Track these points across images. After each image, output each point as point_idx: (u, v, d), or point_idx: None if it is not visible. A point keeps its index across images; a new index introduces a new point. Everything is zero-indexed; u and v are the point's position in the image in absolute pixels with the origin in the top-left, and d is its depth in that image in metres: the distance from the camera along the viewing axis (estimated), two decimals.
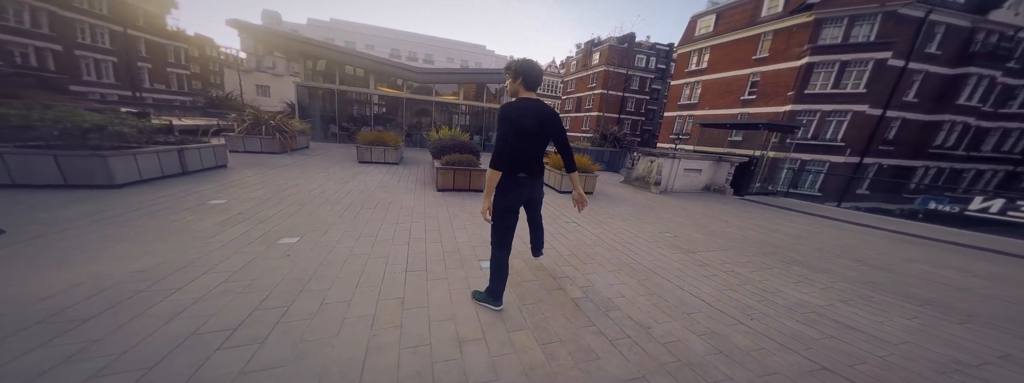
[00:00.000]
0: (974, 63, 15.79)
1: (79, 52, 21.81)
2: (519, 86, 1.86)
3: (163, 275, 2.10)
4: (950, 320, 2.41)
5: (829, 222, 5.97)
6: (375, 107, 13.88)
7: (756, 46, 18.36)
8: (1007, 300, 2.91)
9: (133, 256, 2.31)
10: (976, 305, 2.72)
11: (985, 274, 3.56)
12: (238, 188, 4.39)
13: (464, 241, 3.20)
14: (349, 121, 13.29)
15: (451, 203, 4.65)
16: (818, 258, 3.68)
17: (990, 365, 1.88)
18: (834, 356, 1.83)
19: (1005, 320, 2.49)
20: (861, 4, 14.80)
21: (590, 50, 36.20)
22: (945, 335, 2.17)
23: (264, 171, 5.68)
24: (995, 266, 3.95)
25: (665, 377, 1.56)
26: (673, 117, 24.23)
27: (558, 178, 6.55)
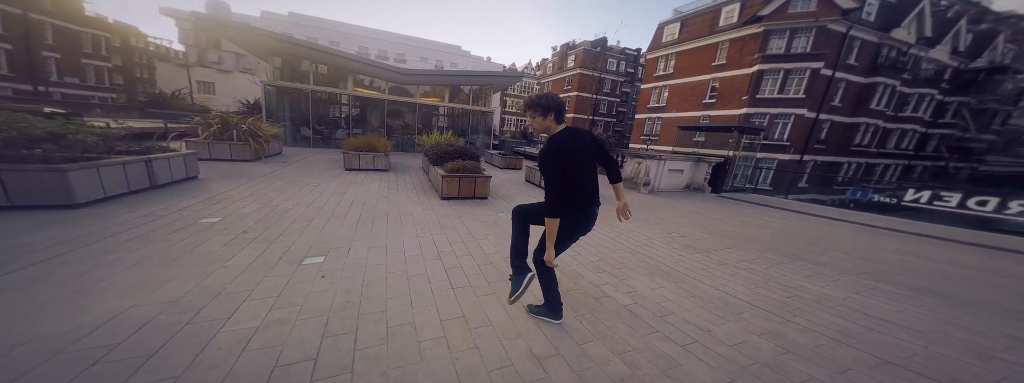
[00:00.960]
0: (881, 74, 18.23)
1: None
2: (551, 122, 1.70)
3: (200, 305, 1.89)
4: (949, 306, 2.67)
5: (800, 216, 6.57)
6: (348, 109, 12.93)
7: (715, 53, 19.80)
8: (979, 283, 3.34)
9: (151, 285, 2.04)
10: (957, 289, 3.06)
11: (945, 259, 4.07)
12: (225, 203, 3.92)
13: (493, 252, 3.11)
14: (323, 124, 12.44)
15: (463, 213, 4.51)
16: (813, 251, 3.99)
17: (1013, 349, 2.13)
18: (886, 349, 1.96)
19: (990, 303, 2.83)
20: (799, 19, 16.55)
21: (565, 53, 37.01)
22: (955, 322, 2.39)
23: (244, 182, 5.11)
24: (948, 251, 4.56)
25: (753, 379, 1.59)
26: (643, 119, 25.42)
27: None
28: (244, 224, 3.27)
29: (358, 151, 7.22)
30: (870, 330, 2.13)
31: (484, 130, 15.55)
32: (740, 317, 2.21)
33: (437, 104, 14.20)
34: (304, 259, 2.61)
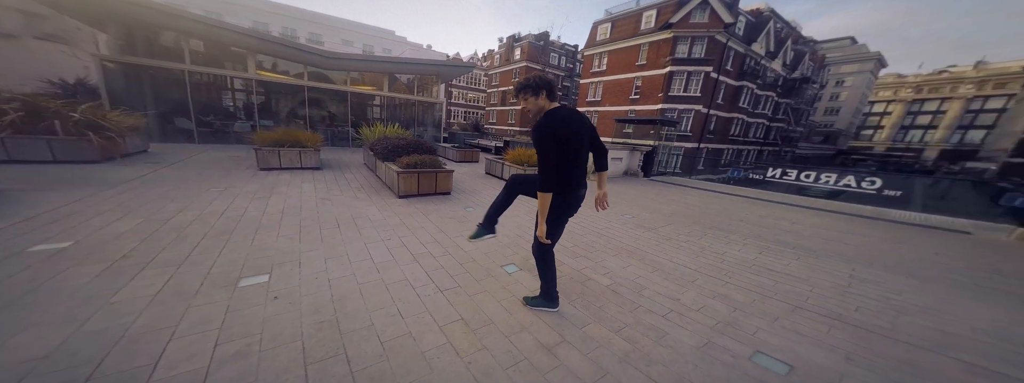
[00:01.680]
0: (745, 79, 22.91)
1: None
2: (544, 100, 1.71)
3: (96, 354, 1.41)
4: (811, 257, 3.49)
5: (706, 193, 7.92)
6: (250, 96, 10.44)
7: (638, 54, 22.02)
8: (821, 237, 4.44)
9: (19, 345, 1.44)
10: (810, 243, 4.00)
11: (798, 220, 5.39)
12: (73, 222, 2.85)
13: (472, 248, 3.01)
14: (212, 114, 9.92)
15: (428, 211, 4.20)
16: (723, 222, 4.81)
17: (855, 284, 2.95)
18: (791, 296, 2.46)
19: (832, 251, 3.75)
20: (696, 28, 19.50)
21: (512, 45, 36.58)
22: (818, 268, 3.14)
23: (98, 191, 3.78)
24: (797, 214, 6.01)
25: (723, 338, 1.86)
26: (582, 112, 27.52)
27: (521, 173, 6.61)
28: (120, 247, 2.47)
29: (276, 147, 6.06)
30: (777, 283, 2.71)
31: (431, 123, 14.50)
32: (695, 284, 2.59)
33: (373, 93, 12.70)
34: (239, 280, 2.14)
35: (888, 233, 4.84)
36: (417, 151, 5.44)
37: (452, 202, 4.75)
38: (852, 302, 2.44)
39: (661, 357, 1.66)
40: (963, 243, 4.50)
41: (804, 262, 3.28)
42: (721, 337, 1.87)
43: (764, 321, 2.07)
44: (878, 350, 1.83)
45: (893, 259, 3.57)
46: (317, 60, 10.55)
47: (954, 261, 3.63)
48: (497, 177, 7.33)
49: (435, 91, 14.31)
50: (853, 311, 2.29)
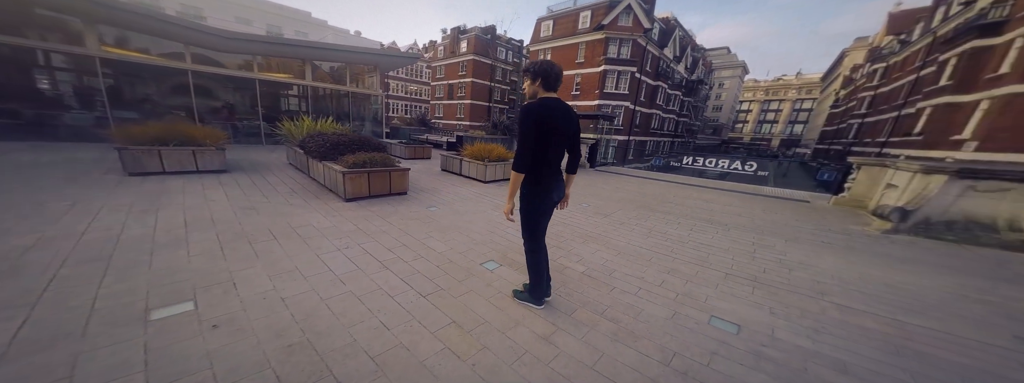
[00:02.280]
0: (660, 79, 25.94)
1: None
2: (538, 88, 1.73)
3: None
4: (727, 230, 4.16)
5: (641, 180, 8.81)
6: (84, 78, 7.74)
7: (577, 52, 22.97)
8: (729, 213, 5.33)
9: None
10: (723, 218, 4.76)
11: (711, 199, 6.40)
12: None
13: (446, 250, 2.88)
14: (21, 101, 7.16)
15: (385, 213, 3.84)
16: (658, 204, 5.43)
17: (759, 250, 3.60)
18: (723, 265, 2.91)
19: (739, 224, 4.50)
20: (623, 31, 21.11)
21: (457, 37, 34.44)
22: (736, 239, 3.77)
23: None
24: (707, 193, 7.13)
25: (685, 308, 2.12)
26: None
27: (481, 169, 6.36)
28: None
29: (155, 146, 4.70)
30: (710, 255, 3.21)
31: (370, 117, 12.94)
32: (652, 262, 2.90)
33: (290, 82, 10.79)
34: (150, 312, 1.71)
35: (763, 205, 6.04)
36: (363, 148, 4.88)
37: (411, 202, 4.44)
38: (759, 265, 3.01)
39: (643, 332, 1.84)
40: (806, 210, 5.87)
41: (722, 235, 3.92)
42: (683, 307, 2.14)
43: (709, 289, 2.43)
44: (786, 302, 2.31)
45: (773, 226, 4.49)
46: (203, 39, 8.50)
47: (805, 224, 4.73)
48: (455, 173, 7.04)
49: (370, 82, 12.73)
50: (762, 272, 2.83)
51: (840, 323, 2.04)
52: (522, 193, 1.85)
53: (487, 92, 34.74)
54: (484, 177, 6.31)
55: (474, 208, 4.36)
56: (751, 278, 2.68)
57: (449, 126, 33.02)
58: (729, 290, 2.43)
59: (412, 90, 38.83)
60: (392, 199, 4.50)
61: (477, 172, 6.45)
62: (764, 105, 58.97)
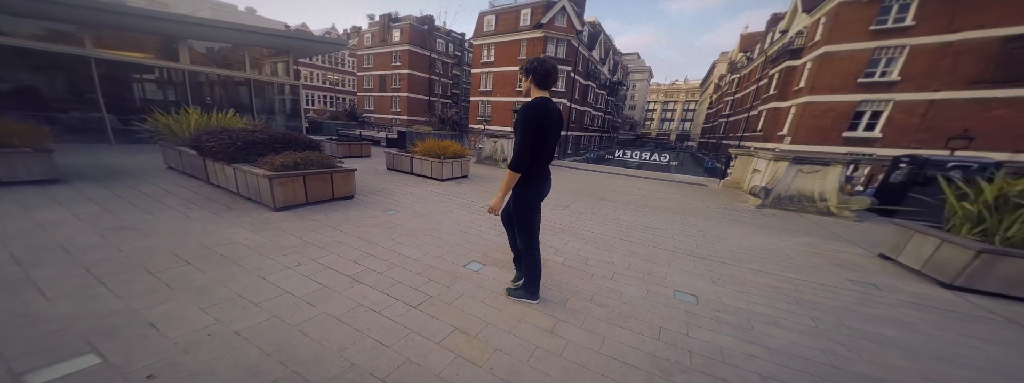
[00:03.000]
0: (590, 79, 27.95)
1: None
2: (531, 85, 1.75)
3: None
4: (663, 213, 4.82)
5: (584, 172, 9.44)
6: None
7: (519, 49, 22.93)
8: (662, 198, 6.19)
9: None
10: (659, 203, 5.47)
11: (643, 188, 7.29)
12: None
13: (421, 255, 2.69)
14: None
15: (334, 222, 3.35)
16: (605, 193, 5.92)
17: (691, 229, 4.23)
18: (669, 243, 3.34)
19: (674, 207, 5.24)
20: (559, 31, 21.91)
21: (388, 25, 30.64)
22: (671, 221, 4.38)
23: None
24: (636, 182, 8.10)
25: (652, 286, 2.39)
26: (477, 102, 26.61)
27: (437, 166, 5.94)
28: None
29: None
30: (656, 236, 3.67)
31: (283, 109, 10.69)
32: (615, 247, 3.19)
33: (152, 64, 8.13)
34: (24, 376, 1.25)
35: (677, 190, 7.14)
36: (290, 147, 4.13)
37: (363, 207, 3.97)
38: (692, 242, 3.57)
39: (629, 312, 2.03)
40: (706, 192, 7.14)
41: (659, 218, 4.51)
42: (651, 285, 2.42)
43: (665, 267, 2.79)
44: (720, 272, 2.80)
45: (690, 208, 5.34)
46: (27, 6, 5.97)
47: (710, 204, 5.75)
48: (405, 172, 6.53)
49: (277, 69, 10.49)
50: (697, 248, 3.37)
51: (757, 284, 2.56)
52: (515, 194, 1.83)
53: (427, 85, 32.53)
54: (440, 175, 5.98)
55: (438, 208, 4.13)
56: (690, 253, 3.16)
57: (383, 120, 30.20)
58: (679, 266, 2.83)
59: (331, 80, 34.07)
60: (338, 205, 3.96)
61: (432, 170, 6.07)
62: (664, 106, 68.81)
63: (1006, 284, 2.55)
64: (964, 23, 12.65)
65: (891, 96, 13.98)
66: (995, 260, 2.56)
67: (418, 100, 31.72)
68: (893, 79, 13.88)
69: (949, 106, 13.16)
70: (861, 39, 14.32)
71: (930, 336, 1.91)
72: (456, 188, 5.51)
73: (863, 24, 14.18)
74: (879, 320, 2.07)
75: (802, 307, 2.22)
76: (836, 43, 14.75)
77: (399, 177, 6.12)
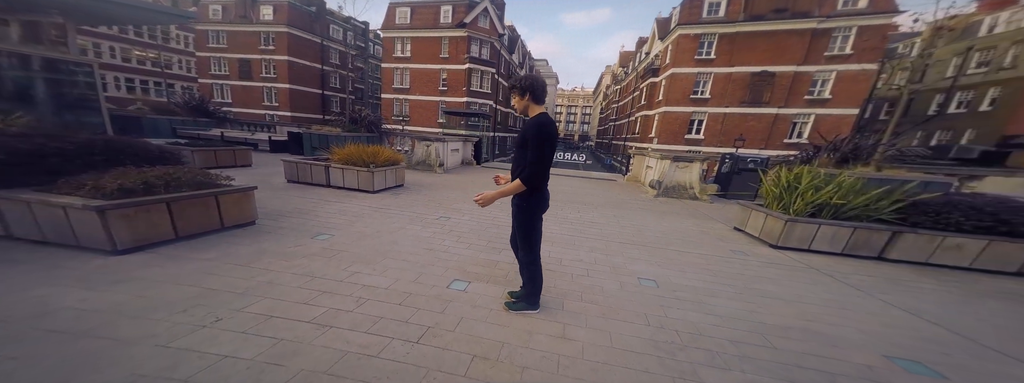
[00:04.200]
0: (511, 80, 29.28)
1: None
2: (528, 102, 1.70)
3: None
4: (605, 209, 5.47)
5: None
6: None
7: (440, 47, 21.45)
8: (603, 195, 6.96)
9: None
10: (599, 200, 6.23)
11: (584, 187, 8.04)
12: None
13: (392, 283, 2.35)
14: None
15: (245, 258, 2.66)
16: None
17: (617, 219, 4.85)
18: (620, 235, 3.76)
19: (613, 201, 5.95)
20: (482, 32, 21.64)
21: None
22: (613, 217, 5.00)
23: None
24: (574, 182, 8.88)
25: (621, 276, 2.66)
26: (391, 99, 23.62)
27: (366, 177, 5.08)
28: None
29: None
30: (601, 229, 4.12)
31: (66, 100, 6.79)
32: (578, 245, 3.43)
33: None
34: None
35: (597, 185, 8.20)
36: (124, 160, 2.84)
37: (276, 234, 3.07)
38: (628, 232, 4.15)
39: (616, 304, 2.23)
40: (618, 186, 8.44)
41: (596, 213, 5.08)
42: (620, 276, 2.72)
43: (621, 257, 3.17)
44: (657, 256, 3.33)
45: (614, 201, 6.21)
46: None
47: (625, 197, 6.84)
48: (319, 185, 5.37)
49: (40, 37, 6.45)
50: (635, 236, 3.93)
51: (684, 263, 3.17)
52: (521, 206, 1.78)
53: (319, 77, 26.86)
54: (371, 186, 5.12)
55: (385, 226, 3.59)
56: (632, 243, 3.68)
57: (251, 117, 23.67)
58: (630, 255, 3.25)
59: (144, 57, 24.36)
60: (234, 236, 2.91)
61: (360, 181, 5.14)
62: (568, 109, 77.12)
63: (800, 242, 3.84)
64: (736, 60, 18.32)
65: (705, 109, 19.14)
66: (793, 226, 3.80)
67: (306, 94, 25.93)
68: (706, 97, 19.02)
69: (733, 118, 18.83)
70: (690, 65, 19.06)
71: (785, 286, 2.74)
72: (396, 200, 4.90)
73: (691, 53, 18.90)
74: (759, 279, 2.85)
75: (718, 277, 2.86)
76: (678, 66, 19.21)
77: (311, 192, 4.97)
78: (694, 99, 19.08)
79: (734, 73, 18.26)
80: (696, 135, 19.43)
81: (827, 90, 17.57)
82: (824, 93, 17.65)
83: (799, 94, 17.93)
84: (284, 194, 4.69)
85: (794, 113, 18.21)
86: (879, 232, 3.59)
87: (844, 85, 17.38)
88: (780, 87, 17.94)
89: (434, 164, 7.99)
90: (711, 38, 18.36)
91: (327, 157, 5.50)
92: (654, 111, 21.35)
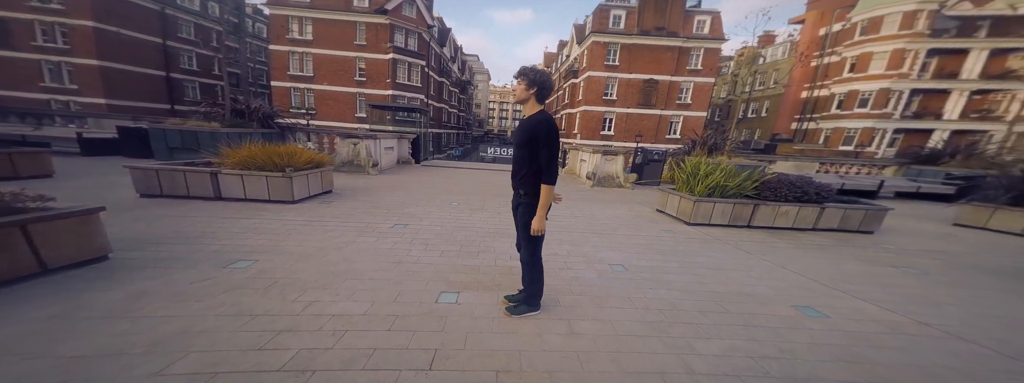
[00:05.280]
0: (443, 76, 27.01)
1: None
2: (533, 97, 1.62)
3: None
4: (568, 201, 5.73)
5: (467, 169, 9.29)
6: None
7: (355, 32, 18.12)
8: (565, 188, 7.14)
9: None
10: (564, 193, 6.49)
11: None
12: None
13: (368, 308, 1.98)
14: None
15: (103, 309, 1.95)
16: (500, 190, 6.19)
17: (568, 209, 5.14)
18: (574, 227, 3.95)
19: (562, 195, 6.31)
20: (407, 22, 19.34)
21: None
22: (572, 206, 5.27)
23: None
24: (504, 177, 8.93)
25: (596, 265, 2.81)
26: (286, 88, 18.85)
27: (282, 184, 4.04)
28: None
29: None
30: (561, 222, 4.26)
31: None
32: (550, 239, 3.42)
33: None
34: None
35: None
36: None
37: (149, 270, 2.31)
38: (582, 221, 4.45)
39: (602, 293, 2.35)
40: (559, 178, 9.01)
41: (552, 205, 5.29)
42: (595, 265, 2.87)
43: (588, 247, 3.36)
44: (614, 241, 3.64)
45: (561, 192, 6.59)
46: None
47: (567, 188, 7.33)
48: (204, 199, 4.06)
49: None
50: (588, 225, 4.23)
51: (635, 246, 3.56)
52: (530, 206, 1.70)
53: (160, 55, 19.93)
54: (291, 195, 4.11)
55: (325, 242, 2.96)
56: (590, 232, 3.95)
57: (26, 103, 16.22)
58: (594, 244, 3.49)
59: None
60: (72, 280, 1.99)
61: (273, 190, 4.07)
62: (501, 106, 77.82)
63: (704, 218, 4.76)
64: (633, 68, 21.56)
65: (615, 109, 21.99)
66: (699, 205, 4.70)
67: (136, 76, 18.89)
68: (614, 99, 21.85)
69: (633, 117, 22.22)
70: (602, 70, 21.49)
71: (709, 256, 3.35)
72: (331, 210, 4.08)
73: (602, 59, 21.31)
74: (690, 253, 3.41)
75: (663, 255, 3.31)
76: (593, 70, 21.41)
77: (192, 208, 3.70)
78: (606, 100, 21.56)
79: (632, 79, 21.30)
80: (608, 132, 22.08)
81: (689, 97, 22.14)
82: (687, 99, 22.21)
83: (673, 99, 22.13)
84: (145, 214, 3.40)
85: (671, 114, 22.44)
86: (747, 206, 4.69)
87: (699, 93, 22.21)
88: (661, 93, 21.79)
89: (366, 165, 6.97)
90: (616, 47, 20.88)
91: (212, 161, 4.18)
92: (576, 110, 23.31)
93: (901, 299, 2.50)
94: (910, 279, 2.93)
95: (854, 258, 3.48)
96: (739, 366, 1.58)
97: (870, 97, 19.90)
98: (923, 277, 3.00)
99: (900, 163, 11.18)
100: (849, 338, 1.88)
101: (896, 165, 11.06)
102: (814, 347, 1.77)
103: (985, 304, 2.50)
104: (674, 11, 19.85)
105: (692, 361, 1.61)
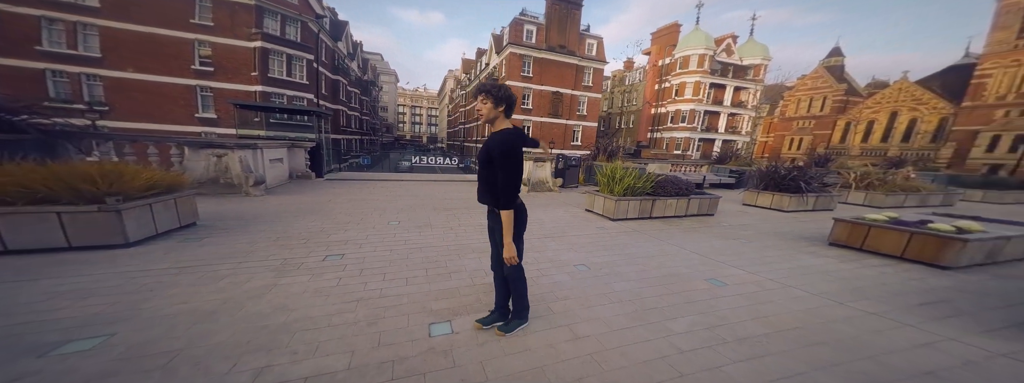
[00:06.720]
0: (338, 74, 23.31)
1: None
2: (500, 113, 1.56)
3: None
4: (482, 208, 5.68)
5: (383, 183, 8.16)
6: None
7: (194, 7, 13.08)
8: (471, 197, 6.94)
9: None
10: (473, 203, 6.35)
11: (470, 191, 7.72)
12: None
13: (347, 361, 1.59)
14: None
15: None
16: (439, 202, 5.77)
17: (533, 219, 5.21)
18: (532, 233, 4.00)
19: None
20: (286, 7, 15.52)
21: None
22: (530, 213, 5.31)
23: None
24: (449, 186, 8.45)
25: (566, 267, 2.98)
26: (38, 70, 12.10)
27: (101, 222, 2.82)
28: None
29: None
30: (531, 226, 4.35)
31: None
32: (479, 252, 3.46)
33: None
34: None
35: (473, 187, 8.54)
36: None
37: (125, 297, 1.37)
38: (533, 226, 4.43)
39: (580, 294, 2.49)
40: None
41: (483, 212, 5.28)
42: (564, 268, 3.01)
43: (550, 252, 3.50)
44: (568, 243, 3.91)
45: None
46: None
47: None
48: None
49: None
50: (540, 231, 4.42)
51: (586, 245, 3.92)
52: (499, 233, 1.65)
53: None
54: (122, 237, 2.77)
55: (229, 291, 2.27)
56: (546, 236, 4.14)
57: None
58: (554, 248, 3.66)
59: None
60: None
61: (83, 232, 2.69)
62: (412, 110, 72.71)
63: (623, 214, 5.66)
64: (544, 81, 23.96)
65: (531, 118, 23.90)
66: (619, 203, 5.58)
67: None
68: (530, 108, 23.78)
69: (546, 125, 24.72)
70: (519, 80, 23.01)
71: (639, 248, 3.98)
72: (209, 249, 3.01)
73: (519, 70, 22.84)
74: (625, 246, 3.99)
75: (606, 249, 3.75)
76: (511, 80, 22.70)
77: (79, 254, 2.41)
78: (524, 109, 23.13)
79: (543, 90, 23.62)
80: None
81: (585, 109, 26.17)
82: (584, 111, 26.21)
83: (574, 110, 25.70)
84: None
85: (573, 124, 25.94)
86: (647, 201, 5.84)
87: (591, 107, 26.50)
88: (565, 104, 25.02)
89: (242, 184, 5.15)
90: (530, 59, 22.76)
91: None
92: None
93: (748, 263, 3.53)
94: (745, 247, 4.19)
95: (714, 236, 4.76)
96: (704, 337, 1.93)
97: (686, 114, 28.13)
98: (749, 244, 4.36)
99: (708, 163, 16.17)
100: (745, 299, 2.56)
101: (707, 164, 15.94)
102: (734, 310, 2.34)
103: (791, 260, 3.77)
104: (571, 32, 23.21)
105: (676, 341, 1.88)
